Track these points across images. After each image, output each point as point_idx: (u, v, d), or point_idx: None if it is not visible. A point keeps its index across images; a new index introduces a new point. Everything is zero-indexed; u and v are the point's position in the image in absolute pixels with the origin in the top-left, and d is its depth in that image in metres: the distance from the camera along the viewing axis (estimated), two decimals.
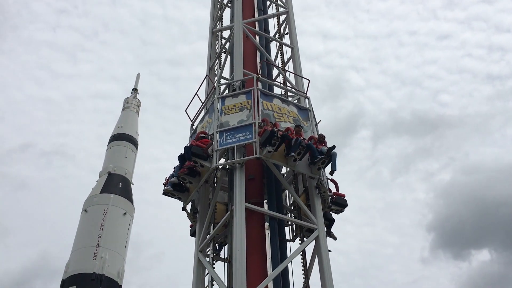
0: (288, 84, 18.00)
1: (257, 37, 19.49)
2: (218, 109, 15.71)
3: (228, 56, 19.50)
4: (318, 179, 14.90)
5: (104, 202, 31.26)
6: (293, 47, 19.84)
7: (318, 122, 17.22)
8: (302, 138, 14.68)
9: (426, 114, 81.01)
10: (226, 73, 20.47)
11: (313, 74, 73.76)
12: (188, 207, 15.98)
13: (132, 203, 33.53)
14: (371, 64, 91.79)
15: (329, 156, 14.83)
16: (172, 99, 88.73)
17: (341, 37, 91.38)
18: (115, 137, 32.58)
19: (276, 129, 14.40)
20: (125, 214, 32.13)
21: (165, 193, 15.27)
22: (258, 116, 15.11)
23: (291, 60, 19.57)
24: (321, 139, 15.44)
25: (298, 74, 17.95)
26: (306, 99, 17.07)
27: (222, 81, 18.44)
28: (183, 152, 15.18)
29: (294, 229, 15.80)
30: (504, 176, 68.45)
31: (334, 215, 15.90)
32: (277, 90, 17.93)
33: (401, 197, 79.92)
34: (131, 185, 33.35)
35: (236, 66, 17.18)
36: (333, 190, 15.91)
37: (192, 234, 15.91)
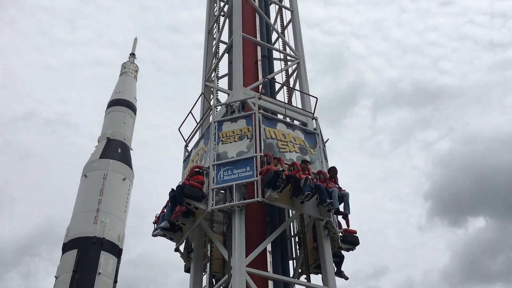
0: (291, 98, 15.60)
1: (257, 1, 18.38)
2: (215, 136, 13.41)
3: (227, 20, 18.47)
4: (328, 221, 12.87)
5: (104, 168, 30.58)
6: (293, 10, 18.78)
7: (326, 141, 15.00)
8: (310, 177, 12.51)
9: (426, 85, 78.75)
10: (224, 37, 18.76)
11: (314, 42, 70.75)
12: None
13: (131, 168, 32.49)
14: (372, 31, 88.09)
15: (341, 197, 12.79)
16: (171, 66, 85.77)
17: (342, 3, 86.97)
18: (113, 103, 31.67)
19: (281, 169, 12.23)
20: (124, 179, 31.28)
21: (155, 236, 13.21)
22: (261, 151, 12.85)
23: (290, 24, 18.82)
24: (333, 174, 13.30)
25: (304, 92, 15.55)
26: (314, 120, 14.71)
27: (220, 94, 16.02)
28: (174, 189, 13.07)
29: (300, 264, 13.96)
30: (502, 145, 67.33)
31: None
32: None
33: (400, 166, 78.90)
34: (130, 150, 32.24)
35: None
36: (343, 224, 13.89)
37: (187, 270, 13.99)
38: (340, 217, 13.70)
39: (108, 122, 30.39)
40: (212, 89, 18.13)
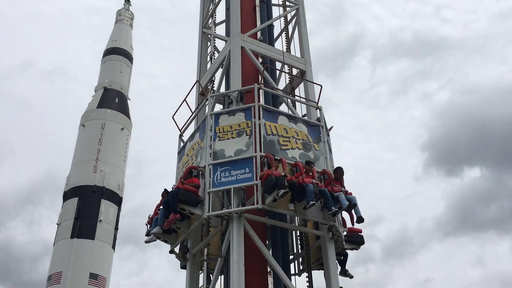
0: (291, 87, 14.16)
1: None
2: (211, 131, 12.19)
3: None
4: (332, 225, 11.95)
5: (101, 117, 30.14)
6: None
7: (330, 129, 13.76)
8: (315, 182, 11.44)
9: (427, 36, 75.15)
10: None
11: None
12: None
13: (129, 118, 31.69)
14: None
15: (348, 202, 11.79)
16: (169, 15, 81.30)
17: None
18: (109, 51, 30.76)
19: (283, 174, 11.13)
20: (122, 129, 30.76)
21: (148, 242, 12.31)
22: (261, 150, 11.70)
23: None
24: (338, 175, 12.21)
25: (308, 80, 14.02)
26: (318, 110, 13.38)
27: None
28: (167, 191, 12.10)
29: (301, 261, 13.22)
30: (501, 96, 65.38)
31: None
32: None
33: (399, 118, 77.11)
34: (128, 100, 31.33)
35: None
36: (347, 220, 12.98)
37: (183, 267, 13.25)
38: (343, 213, 12.77)
39: (104, 72, 29.47)
40: (209, 36, 17.01)
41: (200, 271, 12.86)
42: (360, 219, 11.97)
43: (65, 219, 29.85)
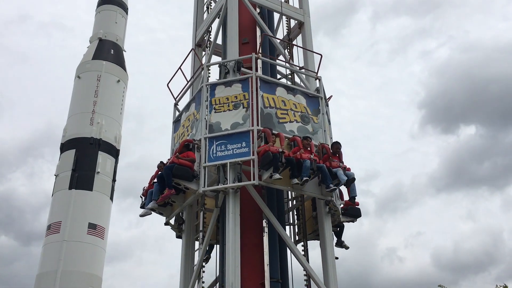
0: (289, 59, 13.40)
1: None
2: (207, 103, 11.63)
3: None
4: (329, 200, 11.61)
5: (97, 69, 29.43)
6: None
7: (329, 99, 13.20)
8: (313, 158, 11.01)
9: None
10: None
11: None
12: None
13: (125, 70, 30.93)
14: None
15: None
16: None
17: None
18: (104, 1, 29.60)
19: (280, 151, 10.68)
20: (118, 81, 30.07)
21: (143, 216, 11.96)
22: (258, 123, 11.19)
23: None
24: (335, 150, 11.75)
25: (307, 49, 13.25)
26: (317, 80, 12.74)
27: (213, 59, 13.76)
28: (163, 163, 11.66)
29: (297, 231, 12.98)
30: (501, 54, 63.62)
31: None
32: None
33: (397, 75, 75.30)
34: (123, 52, 30.44)
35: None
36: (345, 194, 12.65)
37: (178, 237, 12.99)
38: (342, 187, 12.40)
39: (99, 22, 28.52)
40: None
41: (196, 241, 12.62)
42: (353, 199, 11.68)
43: (63, 170, 29.62)
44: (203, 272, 12.10)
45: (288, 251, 12.24)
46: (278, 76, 13.92)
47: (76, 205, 28.92)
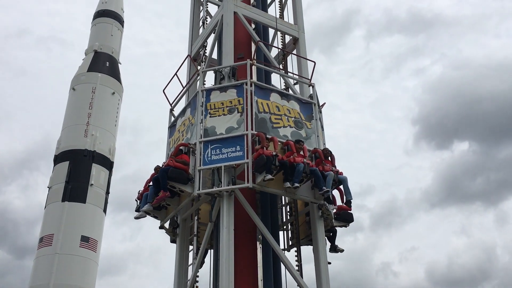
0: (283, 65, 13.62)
1: None
2: (202, 108, 11.79)
3: None
4: (322, 204, 11.73)
5: (92, 81, 29.54)
6: None
7: (322, 105, 13.41)
8: (306, 161, 11.17)
9: (421, 12, 73.67)
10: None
11: None
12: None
13: (120, 83, 31.11)
14: None
15: (339, 182, 11.58)
16: None
17: None
18: (99, 14, 29.77)
19: (274, 154, 10.83)
20: (113, 93, 30.17)
21: (138, 218, 12.02)
22: (252, 128, 11.35)
23: None
24: (326, 154, 11.93)
25: (302, 56, 13.51)
26: (310, 87, 12.96)
27: (208, 74, 13.94)
28: (159, 167, 11.75)
29: (290, 236, 13.06)
30: (493, 71, 64.77)
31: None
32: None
33: (391, 93, 76.38)
34: (119, 64, 30.63)
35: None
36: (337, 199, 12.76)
37: (173, 241, 13.03)
38: (333, 192, 12.52)
39: (94, 34, 28.63)
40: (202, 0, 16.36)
41: (190, 246, 12.66)
42: (349, 203, 11.82)
43: (56, 182, 29.52)
44: (197, 282, 12.14)
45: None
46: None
47: (68, 217, 28.79)
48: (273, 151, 10.92)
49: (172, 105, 13.50)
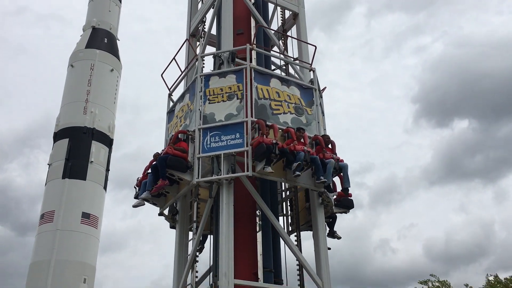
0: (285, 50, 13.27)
1: None
2: (201, 94, 11.54)
3: None
4: (322, 191, 11.58)
5: (90, 58, 29.17)
6: None
7: (323, 90, 13.14)
8: (306, 149, 10.97)
9: None
10: None
11: None
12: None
13: (119, 60, 30.69)
14: None
15: (339, 169, 11.41)
16: None
17: None
18: None
19: (274, 142, 10.62)
20: (112, 70, 29.79)
21: (137, 206, 11.87)
22: (252, 115, 11.12)
23: None
24: (327, 141, 11.72)
25: (302, 40, 13.15)
26: (311, 72, 12.67)
27: (207, 49, 13.61)
28: (158, 154, 11.57)
29: (290, 221, 12.96)
30: (494, 49, 63.73)
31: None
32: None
33: (392, 71, 75.35)
34: (117, 41, 30.14)
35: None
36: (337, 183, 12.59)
37: (172, 227, 12.93)
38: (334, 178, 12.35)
39: (92, 10, 27.98)
40: None
41: (190, 232, 12.56)
42: (346, 191, 11.68)
43: (56, 159, 29.41)
44: (197, 262, 12.08)
45: (281, 242, 12.22)
46: (273, 67, 13.83)
47: (69, 194, 28.78)
48: (273, 139, 10.71)
49: (171, 90, 13.23)
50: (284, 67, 13.72)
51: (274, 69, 13.62)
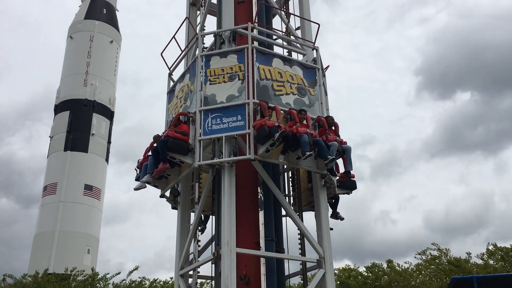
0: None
1: None
2: (202, 74, 11.24)
3: None
4: (326, 174, 11.38)
5: (89, 29, 28.78)
6: None
7: (326, 68, 12.80)
8: (310, 132, 10.72)
9: None
10: None
11: None
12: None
13: (119, 31, 30.24)
14: None
15: (342, 152, 11.19)
16: None
17: None
18: None
19: (276, 125, 10.37)
20: (112, 42, 29.41)
21: (138, 189, 11.69)
22: (254, 96, 10.84)
23: None
24: (330, 123, 11.45)
25: (305, 18, 12.70)
26: (314, 50, 12.30)
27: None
28: (159, 136, 11.34)
29: (292, 202, 12.79)
30: (498, 21, 62.27)
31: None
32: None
33: (395, 43, 73.82)
34: (116, 11, 29.63)
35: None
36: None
37: (174, 208, 12.77)
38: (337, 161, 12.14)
39: None
40: None
41: (192, 212, 12.43)
42: (348, 174, 11.49)
43: (58, 132, 29.33)
44: (199, 232, 12.02)
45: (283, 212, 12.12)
46: (274, 38, 13.37)
47: (71, 166, 28.80)
48: (275, 122, 10.45)
49: (171, 69, 12.89)
50: (286, 43, 13.32)
51: (275, 39, 13.10)
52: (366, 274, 24.02)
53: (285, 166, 13.11)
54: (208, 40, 12.89)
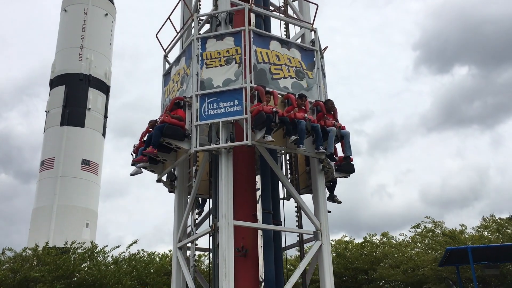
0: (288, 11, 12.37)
1: None
2: (198, 57, 10.87)
3: None
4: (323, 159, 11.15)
5: (83, 2, 27.91)
6: None
7: (324, 49, 12.43)
8: (308, 117, 10.43)
9: None
10: None
11: None
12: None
13: (113, 4, 29.52)
14: None
15: (341, 137, 10.93)
16: None
17: None
18: None
19: (274, 111, 10.07)
20: (106, 15, 28.75)
21: (134, 175, 11.42)
22: (251, 80, 10.51)
23: None
24: (329, 107, 11.15)
25: None
26: (312, 32, 11.90)
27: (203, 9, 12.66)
28: (155, 121, 11.06)
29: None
30: None
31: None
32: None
33: (394, 18, 72.28)
34: None
35: None
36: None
37: (171, 191, 12.55)
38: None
39: None
40: None
41: (188, 196, 12.24)
42: (347, 159, 11.25)
43: (54, 107, 28.92)
44: (197, 215, 11.89)
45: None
46: (271, 8, 12.96)
47: (68, 141, 28.49)
48: (273, 107, 10.15)
49: (166, 51, 12.48)
50: (284, 26, 12.92)
51: (273, 11, 12.65)
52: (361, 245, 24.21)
53: (283, 151, 12.88)
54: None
